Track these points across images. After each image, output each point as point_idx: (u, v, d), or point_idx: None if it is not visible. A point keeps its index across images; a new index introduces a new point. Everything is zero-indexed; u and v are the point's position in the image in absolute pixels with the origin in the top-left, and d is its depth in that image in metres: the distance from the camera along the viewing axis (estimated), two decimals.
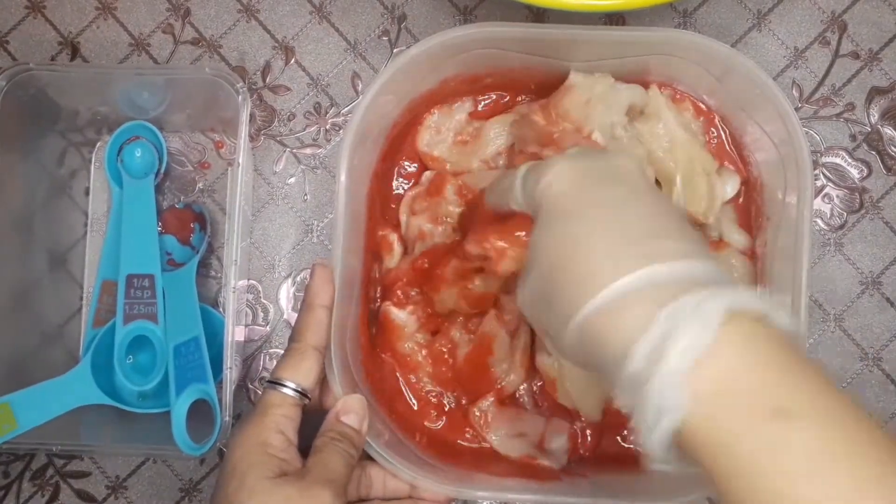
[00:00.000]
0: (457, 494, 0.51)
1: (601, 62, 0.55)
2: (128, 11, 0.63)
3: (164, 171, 0.62)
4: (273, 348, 0.62)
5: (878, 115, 0.62)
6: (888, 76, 0.62)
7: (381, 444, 0.50)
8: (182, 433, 0.54)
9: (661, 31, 0.53)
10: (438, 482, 0.51)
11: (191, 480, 0.62)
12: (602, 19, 0.62)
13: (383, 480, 0.51)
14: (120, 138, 0.62)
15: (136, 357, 0.59)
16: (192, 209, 0.62)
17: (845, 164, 0.62)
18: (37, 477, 0.62)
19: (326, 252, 0.62)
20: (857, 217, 0.62)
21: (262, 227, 0.63)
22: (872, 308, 0.61)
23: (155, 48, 0.63)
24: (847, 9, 0.62)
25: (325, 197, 0.63)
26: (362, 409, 0.49)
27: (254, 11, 0.63)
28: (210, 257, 0.62)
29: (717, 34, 0.62)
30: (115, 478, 0.62)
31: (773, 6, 0.62)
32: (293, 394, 0.48)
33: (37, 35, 0.63)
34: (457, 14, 0.63)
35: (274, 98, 0.63)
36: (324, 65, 0.63)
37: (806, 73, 0.62)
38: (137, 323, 0.58)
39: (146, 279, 0.58)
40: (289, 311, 0.62)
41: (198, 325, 0.58)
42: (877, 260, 0.62)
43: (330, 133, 0.63)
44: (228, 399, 0.53)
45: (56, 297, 0.62)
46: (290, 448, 0.47)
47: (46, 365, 0.59)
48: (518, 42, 0.53)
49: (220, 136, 0.63)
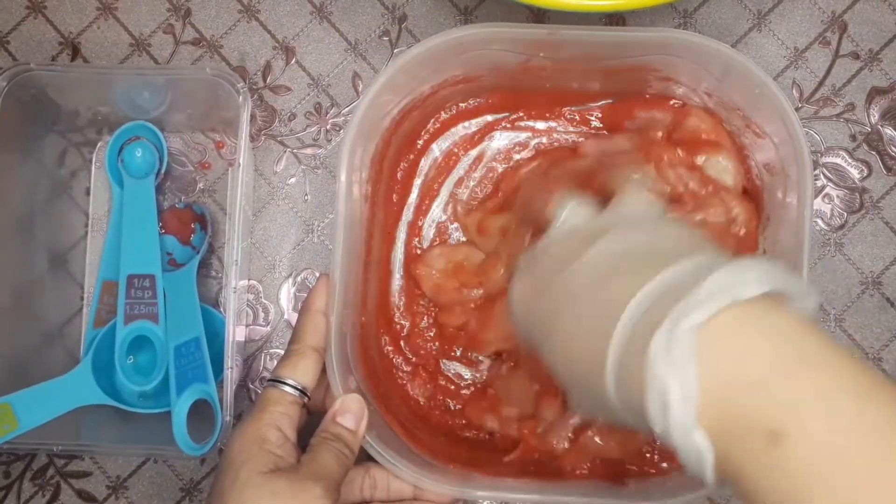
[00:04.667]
0: (460, 494, 0.51)
1: (601, 62, 0.55)
2: (128, 12, 0.63)
3: (164, 171, 0.62)
4: (273, 348, 0.62)
5: (878, 115, 0.62)
6: (888, 76, 0.62)
7: (384, 445, 0.50)
8: (183, 433, 0.54)
9: (661, 32, 0.53)
10: (441, 483, 0.51)
11: (191, 480, 0.62)
12: (602, 19, 0.62)
13: (387, 482, 0.51)
14: (120, 138, 0.62)
15: (137, 357, 0.59)
16: (192, 209, 0.62)
17: (845, 165, 0.62)
18: (37, 477, 0.62)
19: (327, 252, 0.62)
20: (858, 217, 0.62)
21: (263, 228, 0.63)
22: (872, 308, 0.61)
23: (155, 48, 0.63)
24: (847, 9, 0.62)
25: (325, 197, 0.63)
26: (359, 409, 0.50)
27: (254, 12, 0.63)
28: (211, 257, 0.62)
29: (718, 34, 0.62)
30: (115, 478, 0.62)
31: (774, 6, 0.62)
32: (292, 391, 0.49)
33: (37, 35, 0.63)
34: (457, 14, 0.63)
35: (274, 98, 0.63)
36: (324, 65, 0.63)
37: (806, 74, 0.62)
38: (138, 323, 0.58)
39: (147, 279, 0.58)
40: (289, 312, 0.62)
41: (198, 325, 0.58)
42: (877, 260, 0.62)
43: (330, 133, 0.63)
44: (229, 399, 0.53)
45: (57, 297, 0.62)
46: (287, 444, 0.47)
47: (47, 365, 0.59)
48: (518, 42, 0.53)
49: (220, 136, 0.63)
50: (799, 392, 0.32)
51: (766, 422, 0.31)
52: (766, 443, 0.31)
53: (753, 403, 0.32)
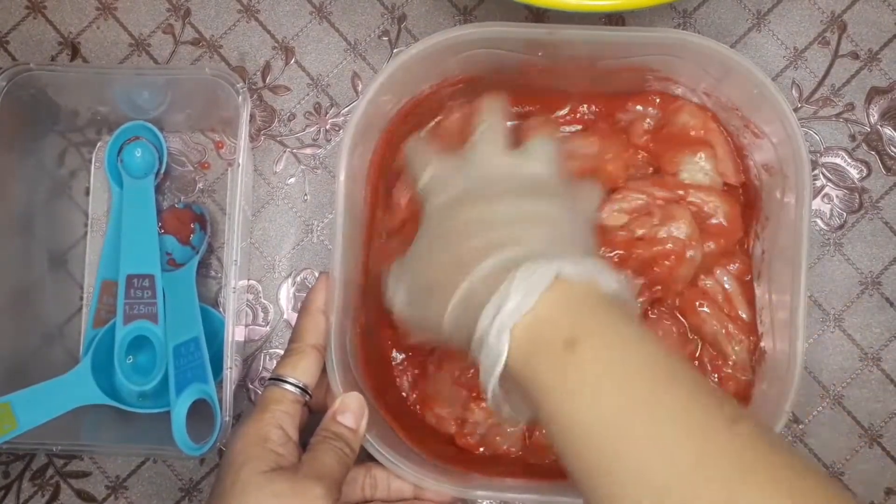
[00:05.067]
0: (460, 494, 0.51)
1: (600, 62, 0.55)
2: (128, 11, 0.63)
3: (164, 171, 0.62)
4: (273, 348, 0.62)
5: (877, 115, 0.62)
6: (888, 76, 0.62)
7: (384, 445, 0.50)
8: (182, 433, 0.54)
9: (661, 32, 0.53)
10: (442, 482, 0.51)
11: (191, 480, 0.62)
12: (602, 19, 0.62)
13: (388, 482, 0.51)
14: (120, 138, 0.62)
15: (137, 357, 0.59)
16: (192, 209, 0.62)
17: (845, 165, 0.62)
18: (37, 477, 0.62)
19: (327, 252, 0.62)
20: (857, 217, 0.62)
21: (263, 227, 0.63)
22: (872, 308, 0.61)
23: (155, 48, 0.63)
24: (847, 9, 0.62)
25: (325, 197, 0.63)
26: (360, 407, 0.50)
27: (254, 12, 0.63)
28: (210, 257, 0.63)
29: (717, 34, 0.62)
30: (115, 478, 0.62)
31: (773, 6, 0.62)
32: (293, 389, 0.49)
33: (37, 35, 0.63)
34: (457, 14, 0.63)
35: (274, 98, 0.63)
36: (324, 65, 0.63)
37: (805, 74, 0.62)
38: (137, 323, 0.58)
39: (146, 279, 0.58)
40: (289, 311, 0.62)
41: (198, 325, 0.58)
42: (876, 260, 0.62)
43: (330, 133, 0.63)
44: (228, 399, 0.53)
45: (56, 297, 0.62)
46: (289, 443, 0.47)
47: (46, 365, 0.59)
48: (518, 42, 0.53)
49: (220, 136, 0.63)
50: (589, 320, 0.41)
51: (564, 335, 0.40)
52: (563, 349, 0.40)
53: (556, 326, 0.41)
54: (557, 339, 0.40)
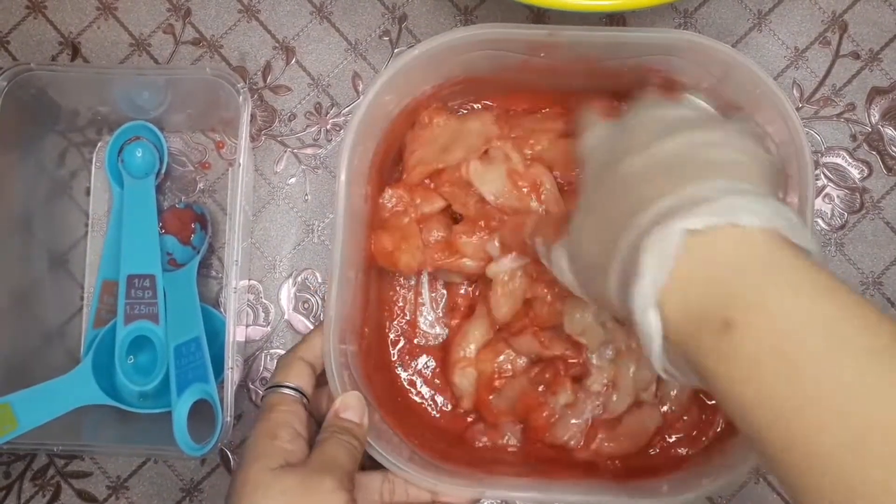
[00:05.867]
0: (478, 495, 0.51)
1: (601, 62, 0.55)
2: (128, 11, 0.63)
3: (164, 171, 0.62)
4: (274, 348, 0.62)
5: (878, 115, 0.62)
6: (889, 76, 0.62)
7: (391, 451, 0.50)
8: (183, 433, 0.54)
9: (662, 32, 0.53)
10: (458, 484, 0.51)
11: (192, 481, 0.62)
12: (602, 19, 0.62)
13: (405, 486, 0.51)
14: (120, 138, 0.62)
15: (137, 357, 0.59)
16: (192, 209, 0.62)
17: (846, 165, 0.62)
18: (38, 477, 0.62)
19: (327, 252, 0.62)
20: (858, 217, 0.62)
21: (263, 228, 0.63)
22: None
23: (155, 48, 0.63)
24: (847, 9, 0.62)
25: (325, 197, 0.63)
26: (360, 405, 0.50)
27: (254, 12, 0.63)
28: (211, 257, 0.62)
29: (718, 34, 0.62)
30: (116, 478, 0.62)
31: (774, 6, 0.62)
32: (291, 392, 0.50)
33: (37, 35, 0.63)
34: (457, 14, 0.63)
35: (275, 98, 0.63)
36: (324, 65, 0.63)
37: (806, 73, 0.62)
38: (138, 323, 0.58)
39: (147, 279, 0.58)
40: (289, 312, 0.62)
41: (199, 325, 0.58)
42: (877, 260, 0.62)
43: (331, 133, 0.63)
44: (229, 399, 0.53)
45: (57, 297, 0.62)
46: (298, 439, 0.48)
47: (47, 365, 0.59)
48: (519, 43, 0.53)
49: (220, 136, 0.63)
50: (751, 290, 0.34)
51: (720, 311, 0.34)
52: (720, 331, 0.34)
53: (712, 294, 0.34)
54: (713, 318, 0.34)
